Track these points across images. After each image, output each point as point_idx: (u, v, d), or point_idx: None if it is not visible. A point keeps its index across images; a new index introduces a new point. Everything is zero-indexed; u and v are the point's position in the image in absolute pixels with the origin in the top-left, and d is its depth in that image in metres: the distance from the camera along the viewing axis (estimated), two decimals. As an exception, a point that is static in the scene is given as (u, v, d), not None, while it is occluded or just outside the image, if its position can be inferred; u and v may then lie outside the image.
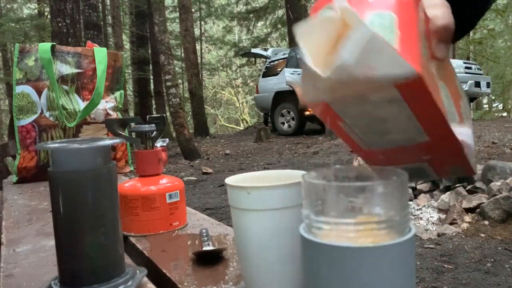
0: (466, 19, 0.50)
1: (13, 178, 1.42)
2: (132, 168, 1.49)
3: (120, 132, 0.86)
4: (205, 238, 0.69)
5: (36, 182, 1.38)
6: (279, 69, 8.81)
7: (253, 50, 10.50)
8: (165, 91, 7.56)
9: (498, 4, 9.52)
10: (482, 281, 1.91)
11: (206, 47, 18.28)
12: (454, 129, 0.38)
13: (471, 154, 0.44)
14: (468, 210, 2.70)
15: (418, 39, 0.33)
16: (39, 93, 1.38)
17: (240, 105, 19.88)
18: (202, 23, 15.50)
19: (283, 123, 8.70)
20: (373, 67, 0.31)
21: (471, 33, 12.99)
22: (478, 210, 2.65)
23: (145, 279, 0.57)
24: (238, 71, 18.94)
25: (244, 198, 0.46)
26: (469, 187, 2.92)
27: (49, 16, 7.91)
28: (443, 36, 0.40)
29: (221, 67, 19.15)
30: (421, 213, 2.82)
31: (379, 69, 0.31)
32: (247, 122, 18.18)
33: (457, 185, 2.98)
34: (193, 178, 5.01)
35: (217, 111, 20.94)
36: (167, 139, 7.47)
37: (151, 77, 12.28)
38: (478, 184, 2.90)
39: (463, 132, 0.41)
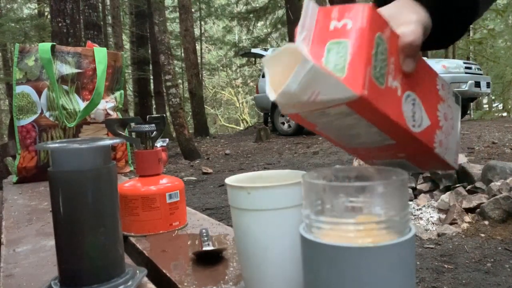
0: (454, 27, 0.52)
1: (13, 178, 1.42)
2: (132, 168, 1.49)
3: (120, 132, 0.86)
4: (205, 238, 0.69)
5: (36, 182, 1.38)
6: (279, 69, 8.78)
7: (253, 50, 10.50)
8: (165, 91, 7.56)
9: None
10: (482, 281, 1.91)
11: (206, 47, 18.28)
12: (420, 133, 0.44)
13: (449, 153, 0.49)
14: (468, 210, 2.70)
15: (367, 63, 0.38)
16: (39, 93, 1.38)
17: (240, 105, 19.88)
18: (202, 23, 15.49)
19: (283, 123, 8.70)
20: (317, 92, 0.37)
21: (471, 33, 13.01)
22: (478, 210, 2.65)
23: (145, 279, 0.57)
24: (238, 71, 18.93)
25: (244, 198, 0.46)
26: (469, 187, 2.92)
27: (49, 16, 7.91)
28: (409, 52, 0.44)
29: (221, 67, 19.14)
30: (421, 213, 2.82)
31: (321, 94, 0.37)
32: (247, 122, 18.18)
33: (457, 185, 2.98)
34: (193, 178, 5.01)
35: (217, 111, 20.94)
36: (167, 139, 7.46)
37: (151, 77, 12.27)
38: (478, 184, 2.90)
39: (435, 134, 0.47)
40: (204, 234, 0.72)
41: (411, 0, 0.49)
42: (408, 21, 0.45)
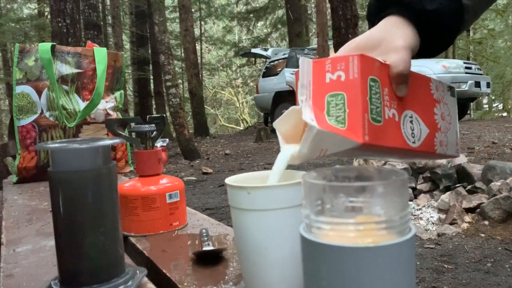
0: (440, 41, 0.54)
1: (13, 178, 1.42)
2: (132, 168, 1.49)
3: (120, 132, 0.86)
4: (205, 238, 0.69)
5: (36, 182, 1.38)
6: (279, 69, 8.80)
7: (253, 50, 10.49)
8: (165, 91, 7.56)
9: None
10: (482, 281, 1.91)
11: (206, 47, 18.27)
12: (420, 145, 0.50)
13: (450, 147, 0.55)
14: (468, 210, 2.70)
15: (364, 110, 0.43)
16: (39, 93, 1.38)
17: (240, 105, 19.87)
18: (202, 23, 15.49)
19: (283, 123, 8.68)
20: (325, 149, 0.44)
21: (471, 33, 13.00)
22: (478, 210, 2.65)
23: (145, 279, 0.57)
24: (238, 71, 18.93)
25: (244, 198, 0.46)
26: (469, 187, 2.92)
27: (49, 16, 7.91)
28: (401, 80, 0.47)
29: (221, 67, 19.13)
30: (421, 213, 2.82)
31: (329, 150, 0.44)
32: (247, 122, 18.17)
33: (457, 185, 2.98)
34: (193, 178, 5.01)
35: (217, 111, 20.93)
36: (167, 139, 7.46)
37: (151, 77, 12.27)
38: (478, 184, 2.90)
39: (435, 138, 0.52)
40: (204, 234, 0.72)
41: (399, 18, 0.50)
42: (395, 48, 0.48)
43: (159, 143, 1.43)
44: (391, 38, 0.49)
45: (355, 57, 0.44)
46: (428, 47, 0.53)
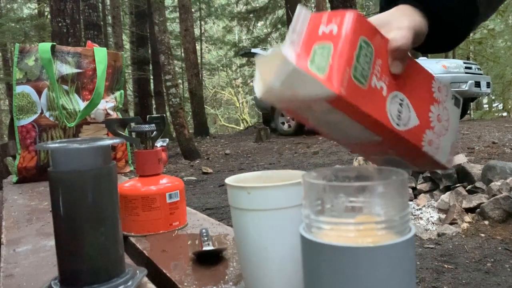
0: (455, 33, 0.54)
1: (13, 178, 1.42)
2: (132, 168, 1.49)
3: (120, 132, 0.86)
4: (205, 238, 0.69)
5: (36, 182, 1.38)
6: (279, 69, 8.78)
7: (253, 50, 10.48)
8: (165, 91, 7.56)
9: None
10: (482, 281, 1.91)
11: (206, 47, 18.26)
12: (405, 131, 0.47)
13: (440, 153, 0.52)
14: (468, 210, 2.70)
15: (347, 64, 0.42)
16: (39, 93, 1.38)
17: (240, 105, 19.86)
18: (202, 23, 15.48)
19: (283, 123, 8.69)
20: (296, 90, 0.41)
21: (471, 33, 12.97)
22: (478, 210, 2.65)
23: (145, 279, 0.57)
24: (238, 71, 18.92)
25: (244, 198, 0.46)
26: (469, 187, 2.92)
27: (49, 16, 7.91)
28: (397, 55, 0.47)
29: (221, 67, 19.13)
30: (421, 213, 2.82)
31: (300, 92, 0.41)
32: (247, 122, 18.16)
33: (457, 185, 2.98)
34: (193, 178, 5.01)
35: (217, 111, 20.92)
36: (167, 139, 7.45)
37: (151, 77, 12.26)
38: (478, 184, 2.90)
39: (424, 133, 0.49)
40: (204, 234, 0.72)
41: (409, 6, 0.51)
42: (399, 26, 0.48)
43: (159, 143, 1.43)
44: (397, 20, 0.50)
45: (352, 14, 0.43)
46: (439, 39, 0.52)
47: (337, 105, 0.42)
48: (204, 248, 0.65)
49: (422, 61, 6.51)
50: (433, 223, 2.69)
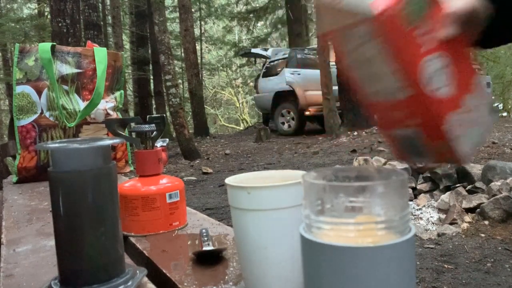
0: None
1: (13, 178, 1.42)
2: (132, 168, 1.49)
3: (120, 132, 0.86)
4: (205, 238, 0.69)
5: (36, 182, 1.38)
6: (279, 69, 8.80)
7: (253, 50, 10.49)
8: (165, 91, 7.56)
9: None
10: (482, 281, 1.91)
11: (206, 47, 18.26)
12: (430, 96, 0.46)
13: (459, 141, 0.49)
14: (468, 210, 2.70)
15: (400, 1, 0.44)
16: (39, 93, 1.38)
17: (240, 105, 19.87)
18: (202, 23, 15.48)
19: (283, 123, 8.69)
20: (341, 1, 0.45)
21: None
22: (478, 210, 2.65)
23: (145, 279, 0.57)
24: (238, 71, 18.93)
25: (244, 198, 0.46)
26: (469, 187, 2.92)
27: (49, 16, 7.91)
28: (449, 19, 0.48)
29: (221, 67, 19.13)
30: (421, 213, 2.82)
31: (345, 2, 0.45)
32: (247, 122, 18.17)
33: (457, 185, 2.98)
34: (193, 178, 5.01)
35: (217, 111, 20.92)
36: (167, 139, 7.45)
37: (151, 77, 12.27)
38: (478, 184, 2.90)
39: (449, 111, 0.48)
40: (204, 234, 0.72)
41: None
42: None
43: (159, 143, 1.43)
44: None
45: None
46: (500, 28, 0.53)
47: (377, 25, 0.44)
48: (204, 248, 0.65)
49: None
50: (433, 223, 2.69)
